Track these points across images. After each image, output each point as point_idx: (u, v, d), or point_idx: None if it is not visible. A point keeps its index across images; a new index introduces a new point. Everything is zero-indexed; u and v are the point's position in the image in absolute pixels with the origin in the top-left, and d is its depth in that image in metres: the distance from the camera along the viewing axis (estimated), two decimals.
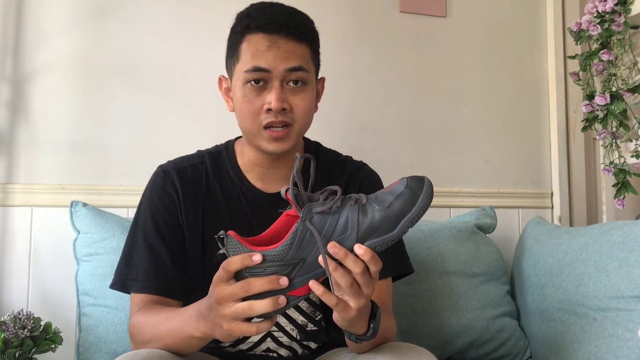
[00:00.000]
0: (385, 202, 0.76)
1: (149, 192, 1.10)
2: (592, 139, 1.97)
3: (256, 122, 1.02)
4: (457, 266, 1.56)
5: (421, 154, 1.85)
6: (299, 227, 0.76)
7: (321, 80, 1.13)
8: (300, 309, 1.09)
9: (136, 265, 1.04)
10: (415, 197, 0.76)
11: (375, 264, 0.76)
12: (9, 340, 1.19)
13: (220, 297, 0.77)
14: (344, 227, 0.76)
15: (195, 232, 1.08)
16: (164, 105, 1.64)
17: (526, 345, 1.55)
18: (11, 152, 1.54)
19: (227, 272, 0.77)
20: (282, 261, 0.75)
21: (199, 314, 0.84)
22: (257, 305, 0.75)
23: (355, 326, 0.84)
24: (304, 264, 0.76)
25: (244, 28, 1.02)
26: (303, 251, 0.76)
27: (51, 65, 1.57)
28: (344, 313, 0.78)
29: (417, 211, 0.76)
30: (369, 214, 0.76)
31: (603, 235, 1.39)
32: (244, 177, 1.12)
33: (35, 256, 1.53)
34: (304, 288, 0.76)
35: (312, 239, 0.75)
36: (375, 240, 0.76)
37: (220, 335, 0.81)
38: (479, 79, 1.94)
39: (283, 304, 0.75)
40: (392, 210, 0.76)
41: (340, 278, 0.75)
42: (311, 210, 0.76)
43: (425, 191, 0.76)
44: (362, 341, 0.87)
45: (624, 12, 1.58)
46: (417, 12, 1.88)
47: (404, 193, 0.76)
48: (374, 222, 0.75)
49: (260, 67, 0.99)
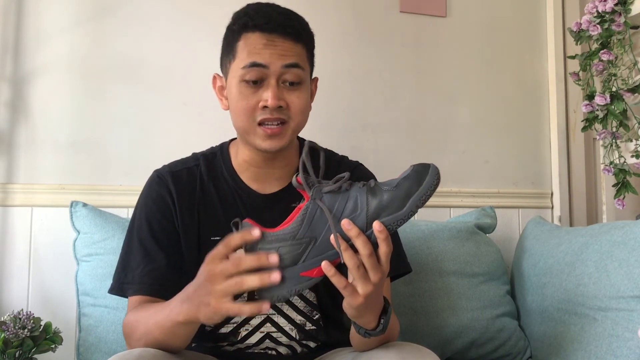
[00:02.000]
0: (392, 183, 0.78)
1: (144, 197, 1.11)
2: (592, 139, 1.97)
3: (251, 119, 1.02)
4: (457, 266, 1.56)
5: (421, 154, 1.85)
6: (309, 205, 0.77)
7: (314, 80, 1.13)
8: (297, 308, 1.09)
9: (132, 269, 1.05)
10: (421, 178, 0.78)
11: (388, 245, 0.78)
12: (9, 340, 1.20)
13: (212, 273, 0.78)
14: (354, 207, 0.77)
15: (191, 235, 1.08)
16: (163, 105, 1.64)
17: (526, 345, 1.55)
18: (11, 152, 1.54)
19: (227, 248, 0.78)
20: (294, 240, 0.77)
21: (183, 298, 0.85)
22: (248, 279, 0.76)
23: (364, 318, 0.85)
24: (316, 244, 0.77)
25: (241, 26, 1.03)
26: (314, 230, 0.77)
27: (51, 65, 1.57)
28: (351, 298, 0.79)
29: (424, 190, 0.77)
30: (377, 194, 0.78)
31: (603, 235, 1.39)
32: (239, 178, 1.12)
33: (35, 256, 1.53)
34: (317, 269, 0.77)
35: (323, 218, 0.77)
36: (385, 218, 0.77)
37: (205, 315, 0.81)
38: (479, 79, 1.93)
39: (276, 281, 0.76)
40: (400, 189, 0.77)
41: (349, 259, 0.76)
42: (321, 190, 0.78)
43: (432, 173, 0.78)
44: (370, 336, 0.88)
45: (624, 12, 1.58)
46: (417, 12, 1.88)
47: (410, 175, 0.79)
48: (383, 201, 0.77)
49: (258, 62, 1.00)
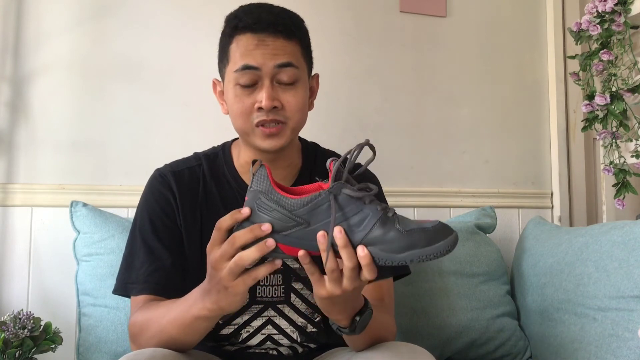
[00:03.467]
0: (407, 226, 0.76)
1: (146, 196, 1.10)
2: (592, 139, 1.97)
3: (248, 121, 1.02)
4: (457, 266, 1.56)
5: (421, 154, 1.85)
6: (323, 194, 0.77)
7: (315, 77, 1.12)
8: (299, 310, 1.09)
9: (136, 268, 1.04)
10: (436, 239, 0.75)
11: (370, 272, 0.75)
12: (9, 340, 1.19)
13: (215, 261, 0.79)
14: (359, 222, 0.76)
15: (193, 235, 1.08)
16: (163, 105, 1.64)
17: (526, 345, 1.55)
18: (11, 152, 1.54)
19: (219, 231, 0.79)
20: (291, 213, 0.77)
21: (202, 292, 0.85)
22: (245, 253, 0.76)
23: (332, 314, 0.85)
24: (306, 229, 0.77)
25: (232, 29, 1.03)
26: (312, 216, 0.77)
27: (51, 65, 1.57)
28: (316, 287, 0.79)
29: (428, 252, 0.74)
30: (387, 227, 0.75)
31: (603, 235, 1.39)
32: (241, 179, 1.12)
33: (35, 256, 1.53)
34: (292, 250, 0.77)
35: (327, 212, 0.76)
36: (377, 251, 0.75)
37: (227, 302, 0.81)
38: (479, 79, 1.93)
39: (272, 247, 0.76)
40: (409, 237, 0.74)
41: (328, 261, 0.76)
42: (342, 189, 0.77)
43: (448, 241, 0.75)
44: (342, 333, 0.89)
45: (624, 12, 1.58)
46: (417, 12, 1.88)
47: (428, 229, 0.75)
48: (386, 237, 0.75)
49: (250, 65, 1.00)
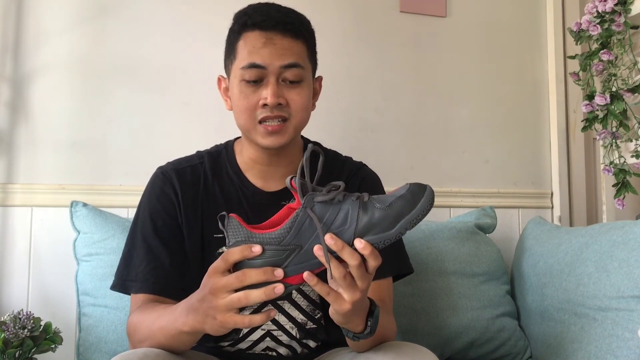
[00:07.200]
0: (386, 201, 0.77)
1: (147, 194, 1.11)
2: (592, 139, 1.97)
3: (252, 117, 1.03)
4: (457, 266, 1.56)
5: (421, 154, 1.85)
6: (300, 213, 0.77)
7: (319, 79, 1.14)
8: (299, 307, 1.09)
9: (135, 266, 1.04)
10: (416, 200, 0.77)
11: (375, 259, 0.76)
12: (9, 340, 1.19)
13: (215, 287, 0.77)
14: (343, 220, 0.77)
15: (194, 233, 1.08)
16: (164, 105, 1.64)
17: (526, 345, 1.55)
18: (11, 152, 1.54)
19: (226, 263, 0.77)
20: (279, 245, 0.76)
21: (188, 308, 0.84)
22: (253, 294, 0.75)
23: (351, 322, 0.84)
24: (300, 252, 0.76)
25: (241, 26, 1.04)
26: (300, 238, 0.76)
27: (51, 65, 1.57)
28: (337, 304, 0.78)
29: (416, 214, 0.77)
30: (369, 211, 0.77)
31: (603, 235, 1.39)
32: (244, 176, 1.12)
33: (35, 256, 1.52)
34: (298, 277, 0.77)
35: (311, 227, 0.76)
36: (373, 237, 0.76)
37: (211, 327, 0.80)
38: (479, 79, 1.93)
39: (280, 293, 0.75)
40: (392, 209, 0.77)
41: (334, 269, 0.75)
42: (313, 199, 0.77)
43: (427, 196, 0.78)
44: (359, 339, 0.87)
45: (624, 12, 1.58)
46: (417, 12, 1.88)
47: (405, 195, 0.78)
48: (373, 219, 0.76)
49: (256, 63, 1.01)
